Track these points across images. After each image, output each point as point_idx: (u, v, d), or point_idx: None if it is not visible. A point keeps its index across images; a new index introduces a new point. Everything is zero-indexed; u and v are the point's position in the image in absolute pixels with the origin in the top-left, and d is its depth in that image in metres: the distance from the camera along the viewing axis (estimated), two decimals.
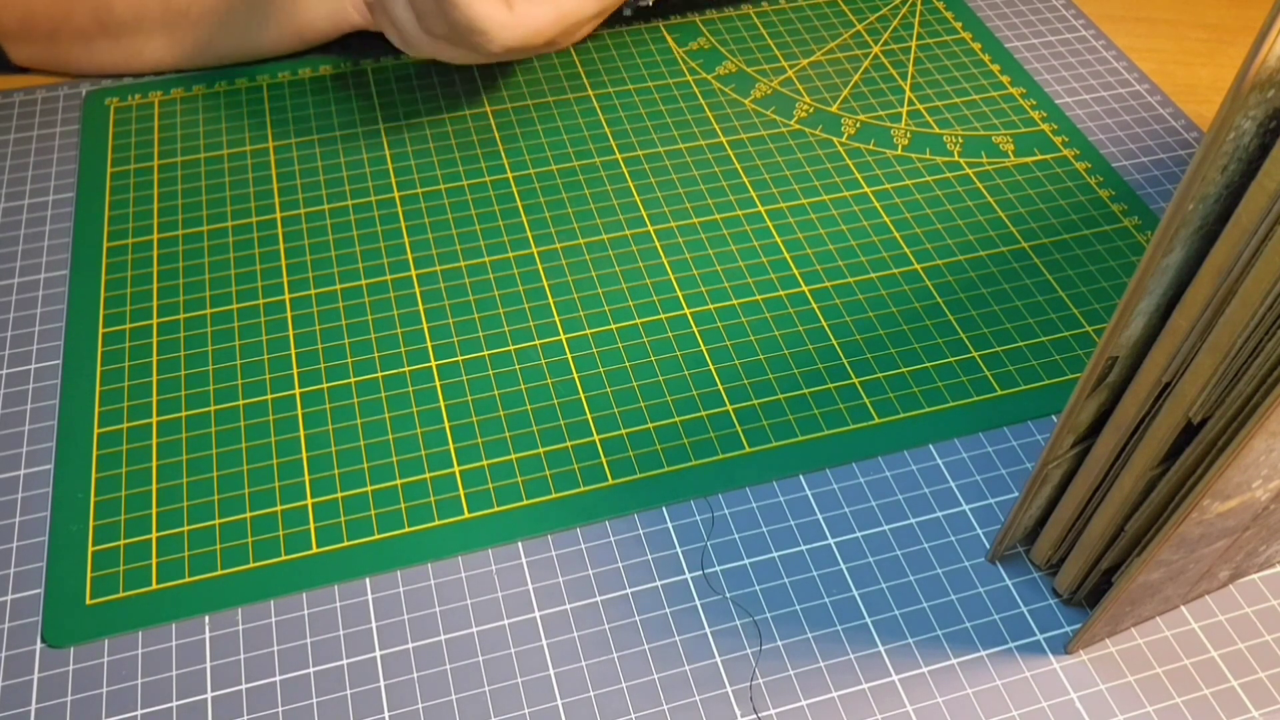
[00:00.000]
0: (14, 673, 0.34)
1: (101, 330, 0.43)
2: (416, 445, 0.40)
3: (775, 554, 0.37)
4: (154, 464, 0.39)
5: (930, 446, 0.40)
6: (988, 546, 0.37)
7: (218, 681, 0.34)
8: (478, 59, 0.45)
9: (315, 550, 0.37)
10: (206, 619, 0.35)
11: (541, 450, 0.40)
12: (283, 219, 0.48)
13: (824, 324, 0.44)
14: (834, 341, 0.43)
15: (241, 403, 0.41)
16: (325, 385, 0.42)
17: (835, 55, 0.57)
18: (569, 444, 0.40)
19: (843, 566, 0.37)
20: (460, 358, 0.43)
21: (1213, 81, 0.57)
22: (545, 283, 0.45)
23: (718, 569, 0.37)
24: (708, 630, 0.35)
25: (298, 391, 0.41)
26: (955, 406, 0.41)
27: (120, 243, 0.47)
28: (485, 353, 0.43)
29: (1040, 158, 0.51)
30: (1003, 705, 0.34)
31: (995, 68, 0.56)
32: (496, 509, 0.38)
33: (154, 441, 0.40)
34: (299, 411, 0.41)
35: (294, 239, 0.47)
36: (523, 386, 0.42)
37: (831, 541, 0.37)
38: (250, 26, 0.52)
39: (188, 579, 0.36)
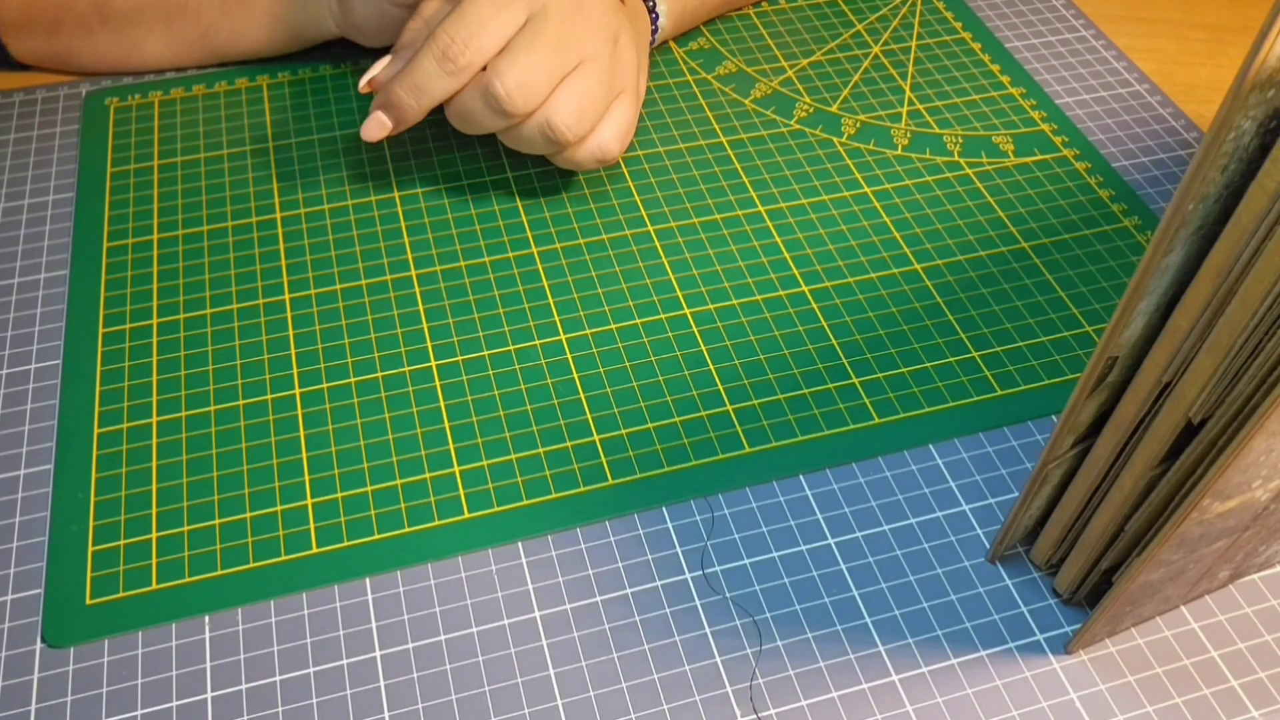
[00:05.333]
0: (14, 673, 0.34)
1: (101, 330, 0.43)
2: (416, 445, 0.40)
3: (775, 554, 0.37)
4: (154, 464, 0.39)
5: (930, 446, 0.40)
6: (988, 546, 0.37)
7: (218, 681, 0.34)
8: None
9: (315, 550, 0.37)
10: (206, 619, 0.35)
11: (541, 450, 0.40)
12: (283, 219, 0.48)
13: (824, 324, 0.44)
14: (834, 341, 0.43)
15: (241, 403, 0.41)
16: (325, 385, 0.42)
17: (835, 55, 0.57)
18: (569, 444, 0.40)
19: (843, 566, 0.37)
20: (460, 358, 0.43)
21: (1213, 81, 0.57)
22: (545, 283, 0.45)
23: (718, 569, 0.37)
24: (708, 630, 0.35)
25: (298, 391, 0.41)
26: (955, 406, 0.41)
27: (120, 243, 0.47)
28: (485, 353, 0.43)
29: (1040, 158, 0.51)
30: (1003, 705, 0.34)
31: (995, 68, 0.56)
32: (496, 509, 0.38)
33: (154, 441, 0.40)
34: (299, 411, 0.41)
35: (294, 239, 0.47)
36: (523, 386, 0.42)
37: (831, 541, 0.37)
38: (246, 23, 0.52)
39: (188, 579, 0.36)
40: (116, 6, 0.51)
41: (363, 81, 0.46)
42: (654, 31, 0.53)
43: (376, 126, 0.45)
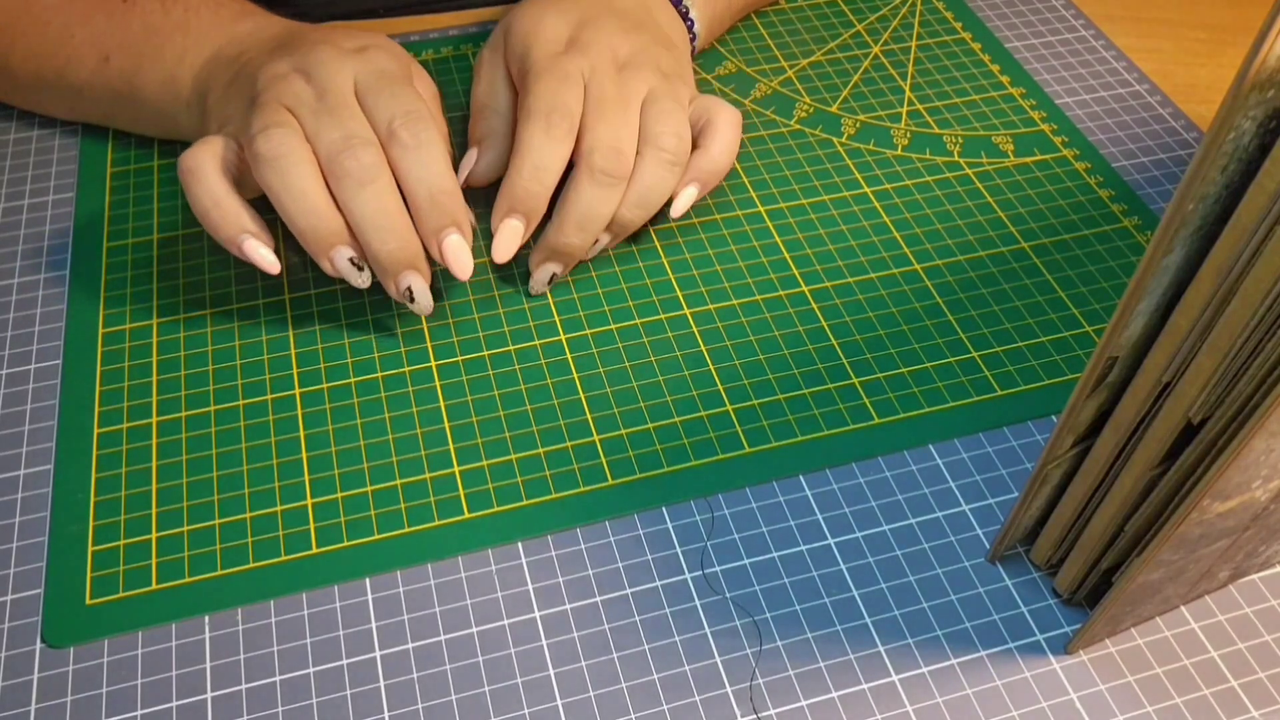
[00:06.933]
0: (14, 673, 0.34)
1: (101, 330, 0.43)
2: (416, 445, 0.40)
3: (775, 554, 0.37)
4: (154, 464, 0.39)
5: (930, 446, 0.40)
6: (988, 546, 0.37)
7: (218, 681, 0.34)
8: None
9: (315, 550, 0.37)
10: (206, 619, 0.35)
11: (541, 450, 0.40)
12: None
13: (824, 324, 0.44)
14: (834, 341, 0.43)
15: (241, 403, 0.41)
16: (325, 385, 0.42)
17: (835, 55, 0.57)
18: (569, 444, 0.40)
19: (843, 566, 0.37)
20: (460, 358, 0.43)
21: (1213, 81, 0.57)
22: None
23: (718, 569, 0.37)
24: (708, 630, 0.35)
25: (298, 391, 0.41)
26: (955, 406, 0.41)
27: (120, 242, 0.47)
28: (485, 353, 0.43)
29: (1040, 158, 0.51)
30: (1003, 705, 0.34)
31: (995, 68, 0.56)
32: (496, 509, 0.38)
33: (154, 441, 0.40)
34: (299, 411, 0.41)
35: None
36: (523, 386, 0.42)
37: (831, 541, 0.37)
38: (135, 124, 0.50)
39: (188, 579, 0.36)
40: (16, 76, 0.49)
41: (460, 181, 0.45)
42: (692, 39, 0.52)
43: (542, 280, 0.44)
